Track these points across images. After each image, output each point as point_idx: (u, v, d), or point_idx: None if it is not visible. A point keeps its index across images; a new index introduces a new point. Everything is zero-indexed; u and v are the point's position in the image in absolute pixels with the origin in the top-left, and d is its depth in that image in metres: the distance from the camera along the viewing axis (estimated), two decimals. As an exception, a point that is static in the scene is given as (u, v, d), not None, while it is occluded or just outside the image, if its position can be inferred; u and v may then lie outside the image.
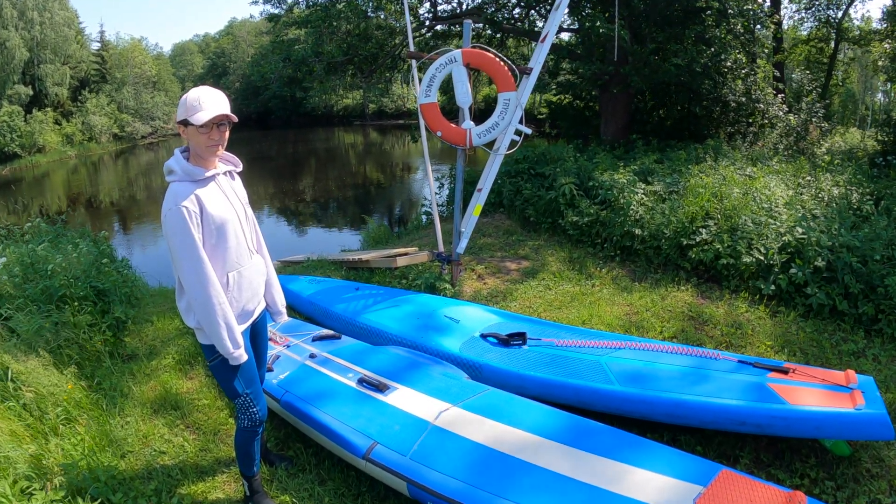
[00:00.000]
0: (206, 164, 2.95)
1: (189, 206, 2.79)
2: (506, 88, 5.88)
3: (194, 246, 2.80)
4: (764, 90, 13.78)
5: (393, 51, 14.82)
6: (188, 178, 2.87)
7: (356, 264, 7.69)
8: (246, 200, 3.21)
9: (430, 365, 4.24)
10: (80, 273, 6.22)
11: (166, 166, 2.91)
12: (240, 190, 3.17)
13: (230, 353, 2.96)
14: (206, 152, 2.90)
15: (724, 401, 3.61)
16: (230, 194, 3.05)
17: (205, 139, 2.85)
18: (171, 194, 2.83)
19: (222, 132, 2.90)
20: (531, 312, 6.10)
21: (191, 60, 76.47)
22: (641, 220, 7.52)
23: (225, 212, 2.94)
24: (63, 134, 47.84)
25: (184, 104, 2.83)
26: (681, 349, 4.33)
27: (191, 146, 2.94)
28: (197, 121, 2.76)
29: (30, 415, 4.35)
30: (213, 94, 2.86)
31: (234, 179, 3.18)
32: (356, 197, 23.48)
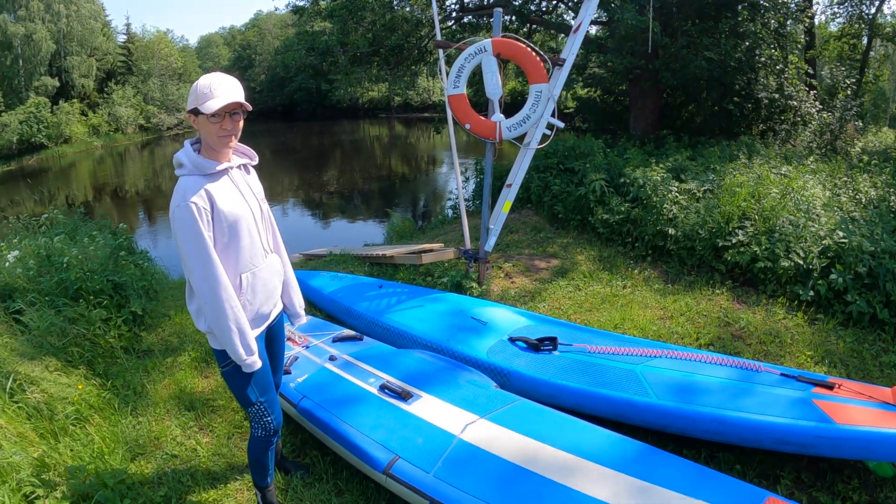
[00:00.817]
0: (218, 157, 2.74)
1: (198, 203, 2.58)
2: (538, 80, 5.60)
3: (204, 245, 2.59)
4: (797, 87, 13.39)
5: (419, 42, 14.59)
6: (198, 171, 2.66)
7: (380, 260, 7.48)
8: (262, 196, 2.99)
9: (456, 371, 4.01)
10: (97, 266, 6.06)
11: (175, 159, 2.71)
12: (255, 185, 2.96)
13: (243, 360, 2.75)
14: (219, 143, 2.68)
15: (767, 418, 3.37)
16: (244, 189, 2.84)
17: (216, 129, 2.62)
18: (179, 189, 2.63)
19: (236, 122, 2.67)
20: (561, 314, 5.87)
21: (217, 53, 76.65)
22: (675, 219, 7.23)
23: (238, 208, 2.74)
24: (89, 125, 48.28)
25: (194, 91, 2.61)
26: (720, 359, 4.06)
27: (202, 137, 2.73)
28: (208, 109, 2.54)
29: (39, 415, 4.20)
30: (225, 81, 2.63)
31: (250, 173, 2.97)
32: (381, 189, 23.35)
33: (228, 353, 2.75)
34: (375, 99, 60.85)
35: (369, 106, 60.85)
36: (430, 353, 4.33)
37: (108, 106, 50.38)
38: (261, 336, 2.98)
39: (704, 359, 4.09)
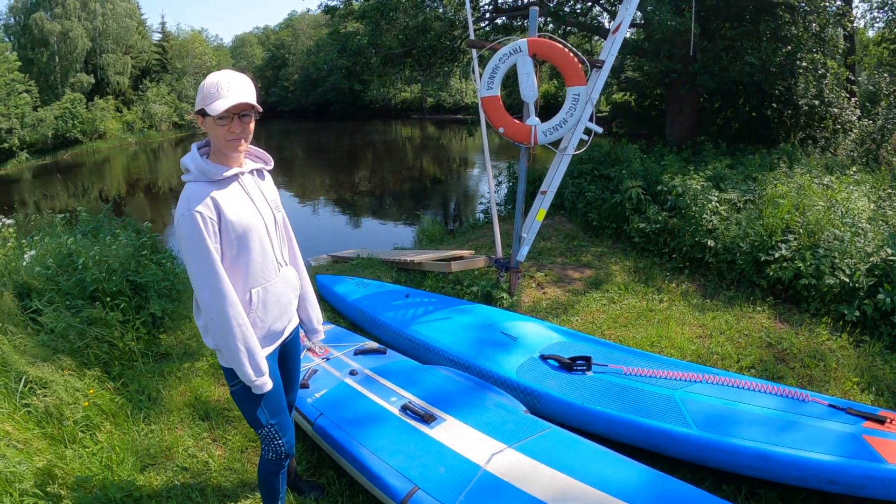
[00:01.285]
0: (227, 161, 2.53)
1: (204, 212, 2.37)
2: (575, 82, 5.34)
3: (209, 258, 2.39)
4: (837, 93, 12.93)
5: (452, 43, 14.38)
6: (204, 177, 2.46)
7: (408, 266, 7.27)
8: (277, 203, 2.77)
9: (483, 392, 3.76)
10: (118, 266, 5.90)
11: (181, 163, 2.50)
12: (270, 191, 2.74)
13: (252, 382, 2.54)
14: (227, 147, 2.47)
15: (814, 455, 3.11)
16: (256, 197, 2.62)
17: (224, 132, 2.42)
18: (184, 197, 2.43)
19: (245, 124, 2.46)
20: (594, 329, 5.62)
21: (251, 52, 77.31)
22: (715, 230, 6.92)
23: (248, 217, 2.52)
24: (124, 121, 49.09)
25: (201, 91, 2.41)
26: (764, 386, 3.78)
27: (210, 140, 2.52)
28: (214, 110, 2.33)
29: (49, 419, 4.04)
30: (235, 79, 2.42)
31: (264, 179, 2.75)
32: (411, 191, 23.21)
33: (237, 373, 2.54)
34: (408, 100, 60.77)
35: (402, 107, 60.76)
36: (456, 371, 4.08)
37: (142, 103, 51.23)
38: (273, 354, 2.77)
39: (747, 385, 3.82)
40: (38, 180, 35.33)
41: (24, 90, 41.55)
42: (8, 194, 30.93)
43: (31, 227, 7.85)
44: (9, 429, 3.80)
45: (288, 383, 3.02)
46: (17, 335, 4.97)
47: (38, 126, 41.42)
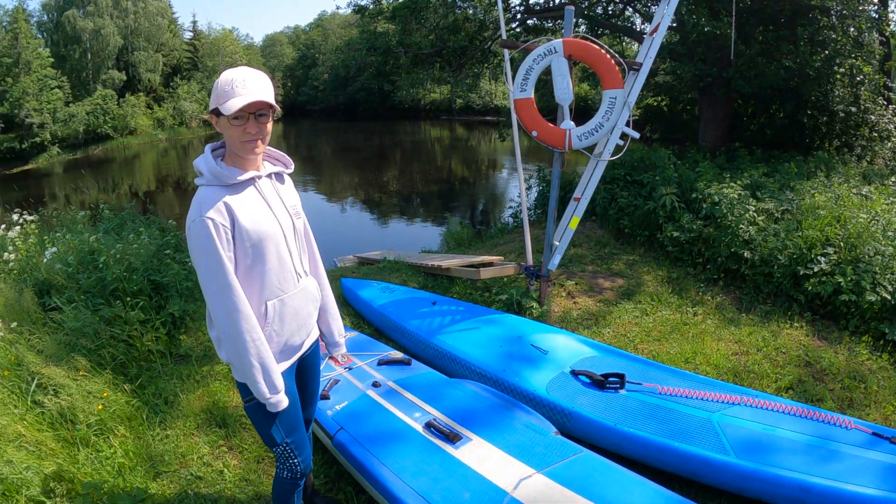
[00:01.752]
0: (243, 165, 2.36)
1: (216, 218, 2.21)
2: (612, 85, 5.13)
3: (221, 268, 2.22)
4: (874, 100, 12.54)
5: (483, 44, 14.22)
6: (217, 181, 2.29)
7: (435, 271, 7.09)
8: (298, 210, 2.59)
9: (511, 411, 3.56)
10: (139, 265, 5.80)
11: (194, 165, 2.34)
12: (289, 196, 2.56)
13: (266, 399, 2.38)
14: (243, 149, 2.30)
15: (858, 488, 2.94)
16: (274, 202, 2.44)
17: (239, 132, 2.25)
18: (195, 201, 2.26)
19: (262, 124, 2.28)
20: (627, 343, 5.42)
21: (281, 51, 77.79)
22: (752, 241, 6.67)
23: (265, 225, 2.35)
24: (154, 118, 49.77)
25: (215, 89, 2.24)
26: (805, 411, 3.59)
27: (225, 141, 2.36)
28: (227, 109, 2.17)
29: (63, 421, 3.93)
30: (251, 77, 2.25)
31: (283, 183, 2.58)
32: (439, 192, 23.10)
33: (250, 389, 2.38)
34: (437, 101, 60.76)
35: (431, 107, 60.80)
36: (484, 387, 3.88)
37: (173, 100, 51.93)
38: (290, 369, 2.60)
39: (788, 410, 3.63)
40: (69, 174, 35.85)
41: (57, 86, 42.17)
42: (39, 187, 31.38)
43: (54, 222, 7.79)
44: (21, 429, 3.68)
45: (306, 399, 2.86)
46: (34, 333, 4.89)
47: (69, 121, 42.04)
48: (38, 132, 39.57)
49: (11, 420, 3.75)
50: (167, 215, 19.03)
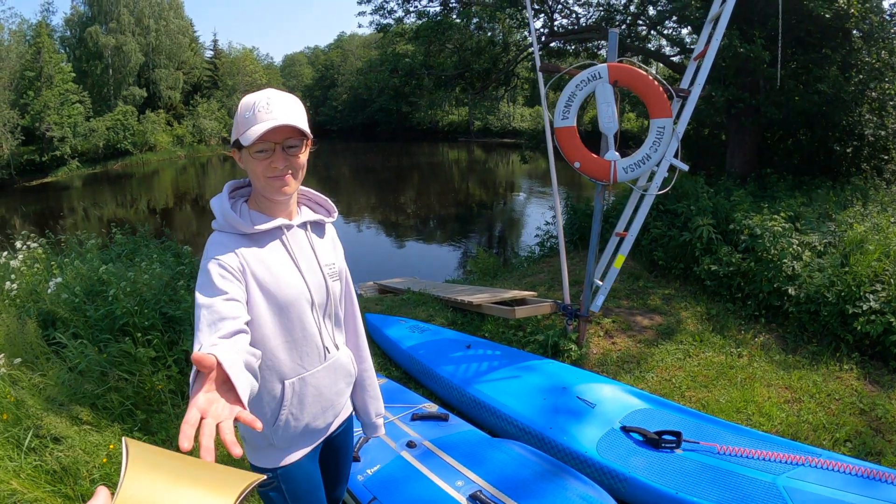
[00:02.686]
0: (272, 210, 1.92)
1: (223, 259, 1.78)
2: (660, 114, 4.78)
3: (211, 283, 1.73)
4: (903, 125, 12.13)
5: (506, 67, 13.98)
6: (231, 229, 1.87)
7: (465, 307, 6.72)
8: (335, 270, 2.10)
9: (564, 479, 3.17)
10: (150, 296, 5.48)
11: (210, 205, 1.93)
12: (327, 252, 2.08)
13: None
14: (268, 187, 1.84)
15: None
16: (305, 260, 1.98)
17: (262, 167, 1.80)
18: (206, 247, 1.86)
19: (291, 157, 1.82)
20: (673, 389, 5.06)
21: (300, 71, 78.33)
22: (797, 277, 6.28)
23: (288, 288, 1.90)
24: (174, 135, 50.26)
25: (235, 119, 1.83)
26: (871, 472, 3.25)
27: (251, 180, 1.91)
28: (247, 138, 1.72)
29: (65, 475, 3.60)
30: (276, 99, 1.79)
31: (323, 236, 2.11)
32: (458, 215, 22.83)
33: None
34: (455, 122, 60.88)
35: (449, 129, 60.85)
36: (531, 449, 3.49)
37: (192, 118, 52.44)
38: (313, 452, 2.15)
39: (854, 470, 3.29)
40: (88, 188, 36.05)
41: (78, 100, 42.62)
42: (57, 200, 31.56)
43: (63, 246, 7.51)
44: (16, 485, 3.35)
45: (332, 482, 2.41)
46: (37, 370, 4.58)
47: (89, 136, 42.49)
48: (59, 145, 39.95)
49: (6, 474, 3.42)
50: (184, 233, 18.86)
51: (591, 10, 14.17)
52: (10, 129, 37.37)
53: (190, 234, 19.53)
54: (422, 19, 14.02)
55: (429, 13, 13.95)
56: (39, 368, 4.65)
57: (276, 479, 2.06)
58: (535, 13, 13.57)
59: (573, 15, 14.05)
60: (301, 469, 2.09)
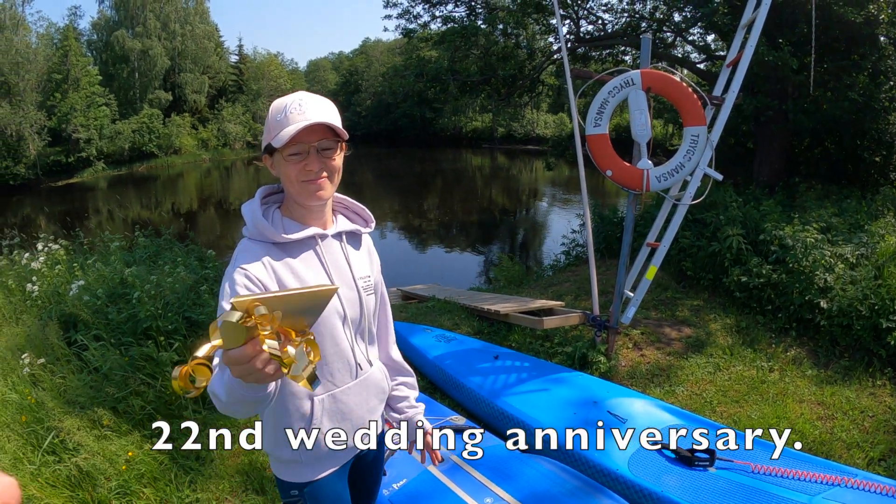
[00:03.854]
0: (305, 217, 1.85)
1: (251, 271, 1.69)
2: (694, 122, 4.69)
3: None
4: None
5: (532, 73, 13.90)
6: (261, 237, 1.79)
7: (492, 316, 6.63)
8: (370, 283, 2.03)
9: (596, 499, 3.05)
10: (173, 300, 5.45)
11: (242, 211, 1.84)
12: (362, 264, 2.01)
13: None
14: (302, 192, 1.77)
15: None
16: (339, 271, 1.90)
17: (296, 170, 1.73)
18: (234, 254, 1.79)
19: (326, 160, 1.76)
20: (703, 404, 4.95)
21: (324, 77, 78.76)
22: (830, 289, 6.12)
23: None
24: (198, 138, 50.79)
25: (266, 122, 1.76)
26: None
27: (283, 187, 1.84)
28: (280, 140, 1.67)
29: (84, 480, 3.55)
30: (308, 100, 1.74)
31: (359, 247, 2.04)
32: (480, 222, 22.79)
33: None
34: (479, 129, 60.87)
35: (472, 135, 60.84)
36: (561, 466, 3.40)
37: (217, 122, 52.95)
38: (342, 470, 2.06)
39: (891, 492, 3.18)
40: (113, 189, 36.50)
41: (104, 103, 43.09)
42: (83, 201, 31.98)
43: (85, 248, 7.50)
44: (34, 490, 3.30)
45: (362, 500, 2.31)
46: (56, 372, 4.55)
47: (115, 138, 43.02)
48: (85, 147, 40.50)
49: (24, 478, 3.38)
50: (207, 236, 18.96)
51: (617, 17, 14.08)
52: (37, 131, 37.91)
53: (213, 238, 19.63)
54: (447, 24, 14.01)
55: (454, 18, 13.95)
56: (60, 371, 4.62)
57: (302, 497, 1.99)
58: (562, 19, 13.49)
59: (599, 21, 13.96)
60: (328, 487, 2.01)
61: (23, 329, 5.32)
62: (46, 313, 5.46)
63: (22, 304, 6.03)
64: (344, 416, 1.96)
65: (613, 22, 14.02)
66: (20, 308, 5.95)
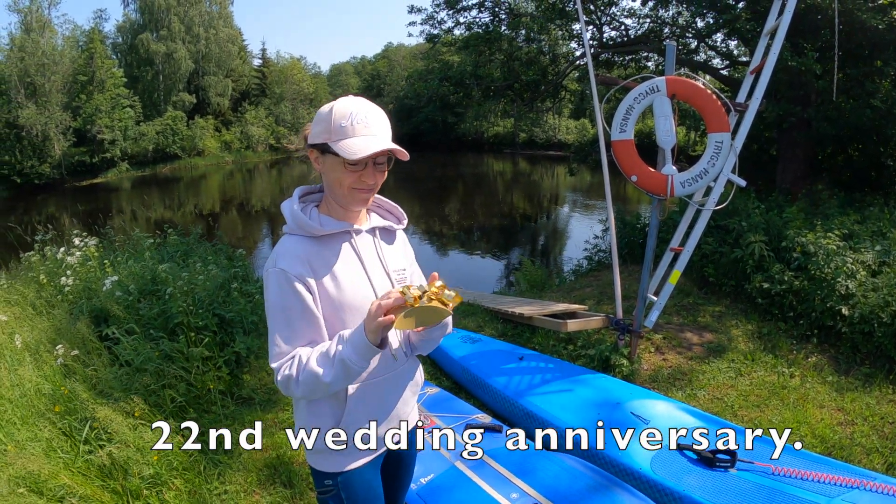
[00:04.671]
0: (344, 215, 1.95)
1: (290, 270, 1.81)
2: (718, 128, 4.73)
3: (292, 333, 1.82)
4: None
5: (556, 79, 13.93)
6: (302, 231, 1.88)
7: (516, 318, 6.68)
8: (407, 275, 2.10)
9: (618, 494, 3.12)
10: (204, 297, 5.57)
11: (281, 209, 1.94)
12: (395, 258, 2.08)
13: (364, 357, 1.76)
14: (351, 198, 1.88)
15: None
16: (372, 265, 1.98)
17: (352, 180, 1.83)
18: (275, 250, 1.89)
19: (380, 173, 1.88)
20: (724, 407, 4.98)
21: (346, 81, 78.82)
22: (851, 297, 6.13)
23: (354, 293, 1.90)
24: (222, 140, 51.18)
25: (325, 120, 1.80)
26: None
27: (326, 185, 1.93)
28: (347, 152, 1.75)
29: (112, 472, 3.63)
30: (373, 115, 1.83)
31: (392, 242, 2.12)
32: (502, 226, 22.73)
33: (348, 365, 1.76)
34: (500, 134, 60.64)
35: (494, 140, 60.61)
36: (584, 462, 3.45)
37: (240, 124, 53.31)
38: (375, 461, 2.12)
39: None
40: (137, 190, 36.86)
41: (129, 105, 43.53)
42: (107, 200, 32.30)
43: (116, 246, 7.63)
44: (67, 480, 3.39)
45: (393, 493, 2.36)
46: (89, 365, 4.67)
47: (139, 139, 43.47)
48: (109, 148, 40.93)
49: (58, 467, 3.47)
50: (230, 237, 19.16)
51: (639, 22, 14.08)
52: (63, 131, 38.39)
53: (235, 238, 19.79)
54: (471, 30, 14.08)
55: (478, 23, 14.02)
56: (91, 363, 4.73)
57: (336, 486, 2.05)
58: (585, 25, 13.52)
59: (622, 27, 13.97)
60: (362, 477, 2.07)
61: (54, 323, 5.44)
62: (77, 308, 5.58)
63: (53, 298, 6.15)
64: (378, 406, 2.03)
65: (636, 27, 14.03)
66: (51, 302, 6.07)
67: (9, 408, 4.10)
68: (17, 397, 4.20)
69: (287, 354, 1.81)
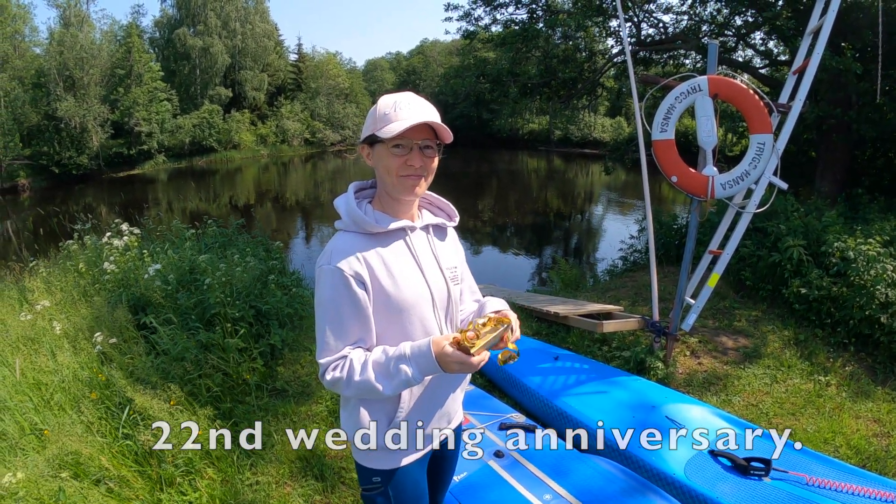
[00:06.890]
0: (396, 210, 1.95)
1: (346, 270, 1.82)
2: (760, 129, 4.66)
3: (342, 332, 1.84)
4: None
5: (592, 76, 13.82)
6: (357, 228, 1.89)
7: (551, 318, 6.65)
8: (457, 273, 2.10)
9: (653, 500, 3.09)
10: (241, 288, 5.62)
11: (335, 205, 1.95)
12: (448, 255, 2.09)
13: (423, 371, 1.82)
14: (399, 187, 1.87)
15: None
16: (427, 262, 1.98)
17: (398, 163, 1.83)
18: (328, 247, 1.90)
19: (427, 158, 1.88)
20: (759, 415, 4.92)
21: (381, 76, 78.94)
22: (891, 305, 6.00)
23: (410, 289, 1.90)
24: (257, 134, 51.63)
25: (372, 115, 1.86)
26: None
27: (378, 179, 1.95)
28: (388, 132, 1.77)
29: (148, 458, 3.67)
30: (415, 100, 1.85)
31: (444, 239, 2.13)
32: (535, 224, 22.63)
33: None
34: (535, 131, 60.31)
35: (528, 137, 60.26)
36: (618, 466, 3.43)
37: (276, 118, 53.72)
38: (422, 459, 2.14)
39: None
40: (173, 182, 37.33)
41: (166, 98, 44.01)
42: (143, 192, 32.76)
43: (156, 236, 7.71)
44: (105, 462, 3.44)
45: (436, 491, 2.38)
46: (126, 353, 4.72)
47: (176, 132, 43.97)
48: (146, 140, 41.46)
49: (96, 450, 3.52)
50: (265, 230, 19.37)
51: (677, 20, 13.93)
52: (100, 123, 38.86)
53: (270, 231, 19.95)
54: (507, 27, 14.03)
55: (515, 20, 13.96)
56: (128, 351, 4.79)
57: (384, 483, 2.06)
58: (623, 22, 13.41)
59: (659, 24, 13.83)
60: (409, 475, 2.09)
61: (92, 311, 5.51)
62: (116, 296, 5.65)
63: (91, 286, 6.23)
64: (429, 402, 2.04)
65: (674, 25, 13.88)
66: (90, 291, 6.15)
67: (48, 392, 4.17)
68: (57, 382, 4.27)
69: (336, 353, 1.84)
